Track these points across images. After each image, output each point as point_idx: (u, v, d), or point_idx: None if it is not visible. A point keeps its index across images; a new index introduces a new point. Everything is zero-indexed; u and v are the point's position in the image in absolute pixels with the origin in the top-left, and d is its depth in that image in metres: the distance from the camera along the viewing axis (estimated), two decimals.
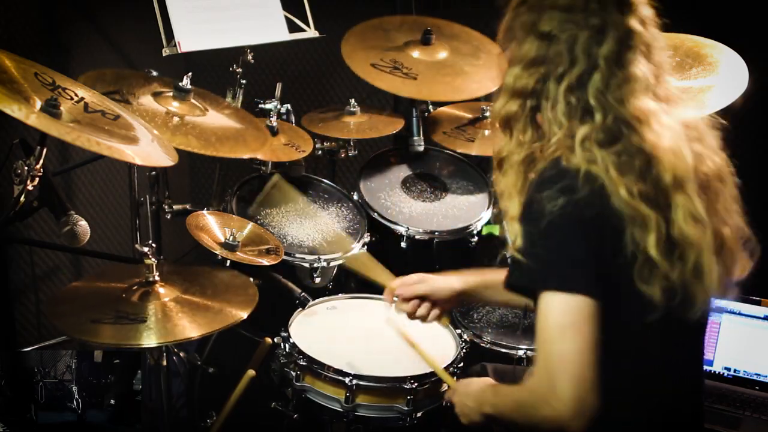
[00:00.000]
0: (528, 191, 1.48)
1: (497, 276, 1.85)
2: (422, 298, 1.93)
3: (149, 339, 1.85)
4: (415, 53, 2.99)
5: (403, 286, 1.95)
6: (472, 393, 1.70)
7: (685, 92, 2.32)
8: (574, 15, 1.46)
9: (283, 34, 2.86)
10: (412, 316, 1.95)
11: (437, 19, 3.12)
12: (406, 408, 2.04)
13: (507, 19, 1.56)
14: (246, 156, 2.51)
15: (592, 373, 1.37)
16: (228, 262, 2.35)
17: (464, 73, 2.93)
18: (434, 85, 2.91)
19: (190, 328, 1.90)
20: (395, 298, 1.96)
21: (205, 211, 2.43)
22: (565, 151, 1.45)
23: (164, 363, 2.17)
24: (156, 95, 2.43)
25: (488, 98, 3.01)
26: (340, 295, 2.45)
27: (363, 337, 2.26)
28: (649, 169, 1.43)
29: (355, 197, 2.83)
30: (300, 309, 2.33)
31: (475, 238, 2.77)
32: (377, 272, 2.06)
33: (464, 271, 1.95)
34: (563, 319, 1.39)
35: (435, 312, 1.94)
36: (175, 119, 2.36)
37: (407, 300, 1.94)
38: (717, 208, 1.51)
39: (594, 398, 1.36)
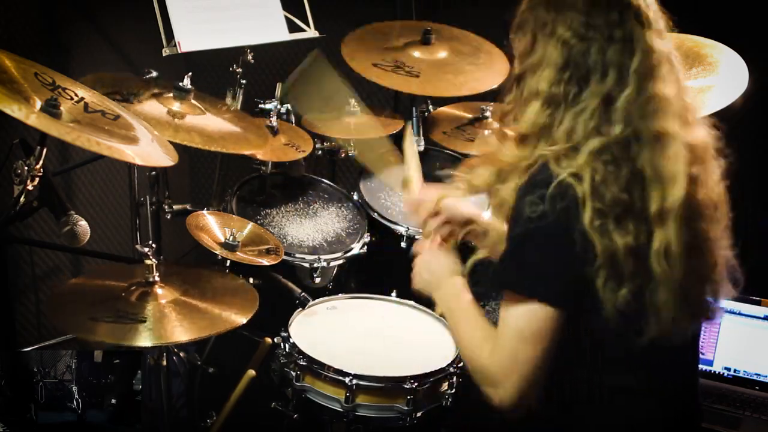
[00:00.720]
0: (517, 194, 1.47)
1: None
2: (437, 213, 1.87)
3: (147, 339, 1.85)
4: (416, 53, 3.01)
5: (422, 196, 1.91)
6: (435, 270, 1.72)
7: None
8: (596, 23, 1.43)
9: (283, 34, 2.86)
10: (424, 225, 1.89)
11: (436, 23, 3.12)
12: (406, 408, 2.04)
13: (522, 11, 1.53)
14: (249, 152, 2.51)
15: (539, 375, 1.45)
16: (228, 261, 2.35)
17: (465, 71, 2.95)
18: (437, 82, 2.92)
19: (187, 331, 1.90)
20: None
21: (205, 211, 2.43)
22: (556, 156, 1.43)
23: (164, 363, 2.17)
24: (156, 96, 2.43)
25: (487, 97, 3.02)
26: (340, 295, 2.45)
27: (363, 337, 2.26)
28: (640, 189, 1.42)
29: (355, 197, 2.83)
30: (300, 309, 2.33)
31: None
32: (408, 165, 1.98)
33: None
34: (527, 325, 1.44)
35: (445, 229, 1.86)
36: (177, 119, 2.37)
37: (424, 211, 1.89)
38: (710, 235, 1.51)
39: (532, 395, 1.46)
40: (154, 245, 2.07)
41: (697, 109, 1.55)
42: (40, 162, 1.81)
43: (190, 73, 2.48)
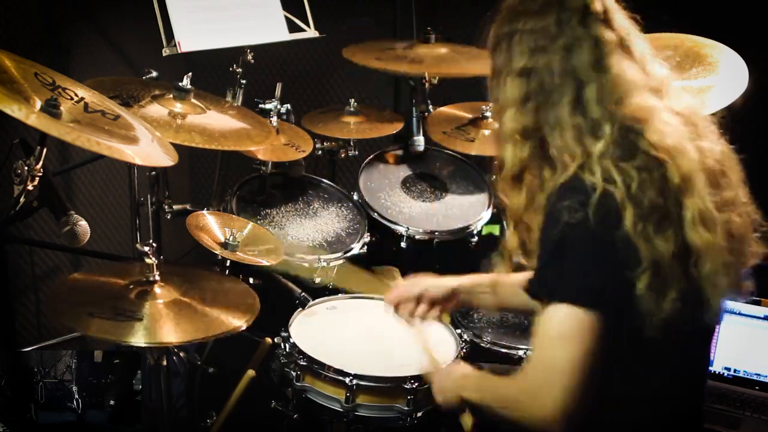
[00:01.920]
0: (549, 201, 1.47)
1: (493, 279, 1.90)
2: (419, 300, 1.94)
3: (143, 338, 1.84)
4: (417, 50, 3.06)
5: (397, 290, 1.98)
6: (455, 375, 1.74)
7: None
8: (541, 43, 1.47)
9: (283, 34, 2.86)
10: (411, 316, 1.96)
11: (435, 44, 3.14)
12: (406, 408, 2.04)
13: (491, 62, 1.58)
14: (253, 147, 2.51)
15: (581, 383, 1.40)
16: (228, 261, 2.34)
17: (468, 62, 2.96)
18: (440, 63, 2.98)
19: (184, 332, 1.89)
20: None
21: (205, 211, 2.43)
22: (583, 167, 1.44)
23: (164, 363, 2.17)
24: (156, 98, 2.43)
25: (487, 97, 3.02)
26: (340, 295, 2.45)
27: (363, 337, 2.26)
28: (657, 174, 1.42)
29: (355, 197, 2.83)
30: (300, 309, 2.33)
31: (475, 238, 2.78)
32: (371, 284, 2.08)
33: (464, 275, 1.97)
34: (565, 330, 1.41)
35: (434, 311, 1.95)
36: (178, 120, 2.37)
37: (405, 303, 1.95)
38: (725, 199, 1.51)
39: (578, 406, 1.40)
40: (154, 245, 2.07)
41: (668, 81, 1.55)
42: (40, 162, 1.80)
43: (190, 73, 2.48)
